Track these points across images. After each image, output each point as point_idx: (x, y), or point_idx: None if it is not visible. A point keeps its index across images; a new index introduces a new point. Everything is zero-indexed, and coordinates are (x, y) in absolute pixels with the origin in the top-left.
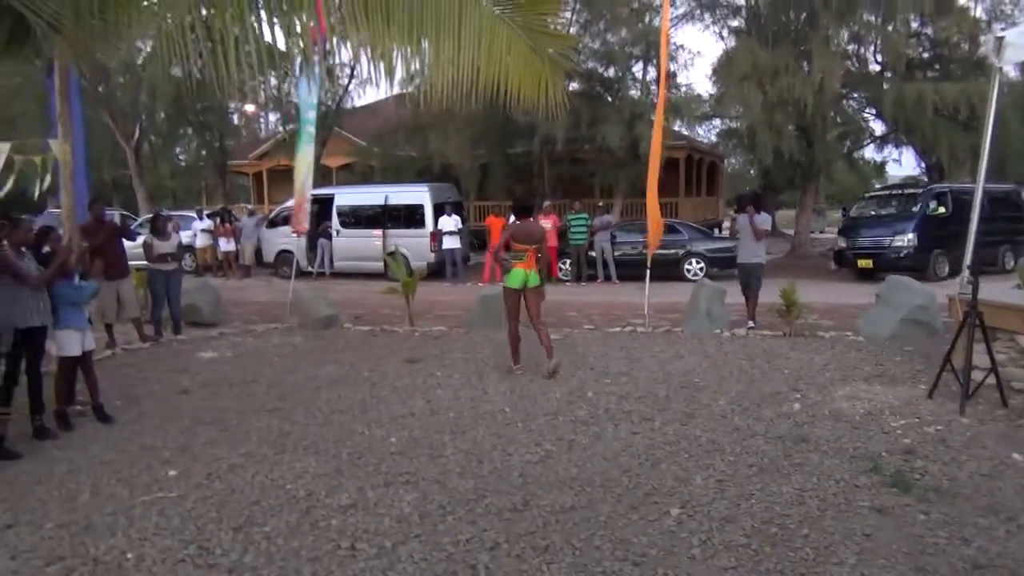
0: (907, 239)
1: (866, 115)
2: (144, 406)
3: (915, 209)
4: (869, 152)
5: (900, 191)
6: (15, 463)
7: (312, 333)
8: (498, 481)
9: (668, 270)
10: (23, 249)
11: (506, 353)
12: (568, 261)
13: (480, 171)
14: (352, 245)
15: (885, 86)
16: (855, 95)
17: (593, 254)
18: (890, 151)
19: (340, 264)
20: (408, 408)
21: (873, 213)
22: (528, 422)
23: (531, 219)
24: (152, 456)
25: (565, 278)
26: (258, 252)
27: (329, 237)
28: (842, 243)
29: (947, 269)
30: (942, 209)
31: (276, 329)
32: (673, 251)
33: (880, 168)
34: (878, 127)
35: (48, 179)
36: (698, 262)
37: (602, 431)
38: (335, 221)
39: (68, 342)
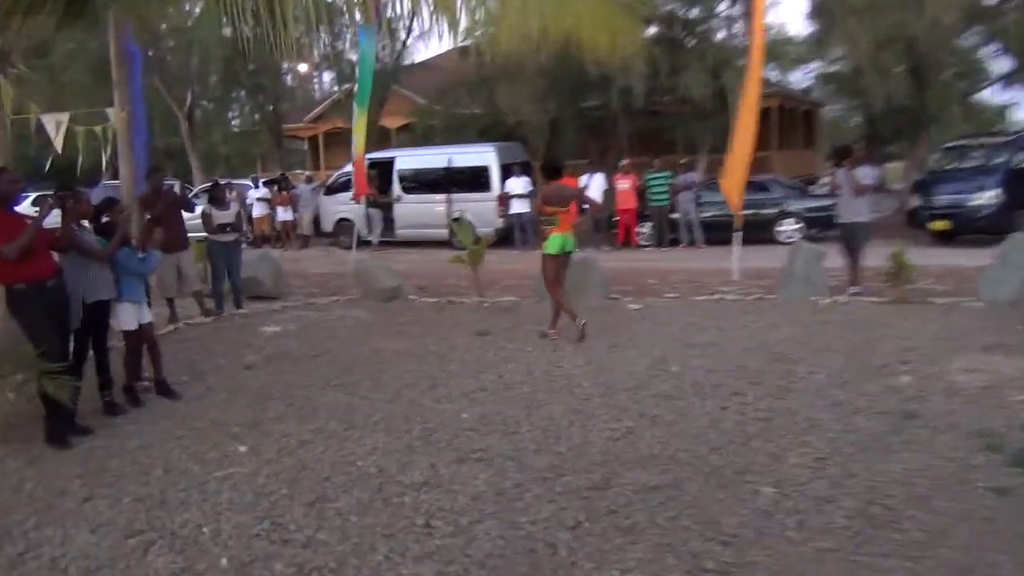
0: (990, 196)
1: (986, 52)
2: (210, 381)
3: (999, 161)
4: (989, 95)
5: (986, 140)
6: (88, 438)
7: (375, 305)
8: (576, 458)
9: (760, 232)
10: (83, 223)
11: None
12: (648, 224)
13: (550, 128)
14: (415, 211)
15: (1010, 18)
16: (974, 29)
17: (676, 216)
18: (1014, 93)
19: (403, 232)
20: (479, 382)
21: (954, 167)
22: (607, 397)
23: (562, 180)
24: (221, 432)
25: (645, 243)
26: (316, 221)
27: (379, 206)
28: (916, 201)
29: None
30: None
31: (338, 301)
32: (765, 211)
33: (1001, 113)
34: (1000, 65)
35: (109, 149)
36: (795, 222)
37: (688, 406)
38: (396, 186)
39: (125, 315)
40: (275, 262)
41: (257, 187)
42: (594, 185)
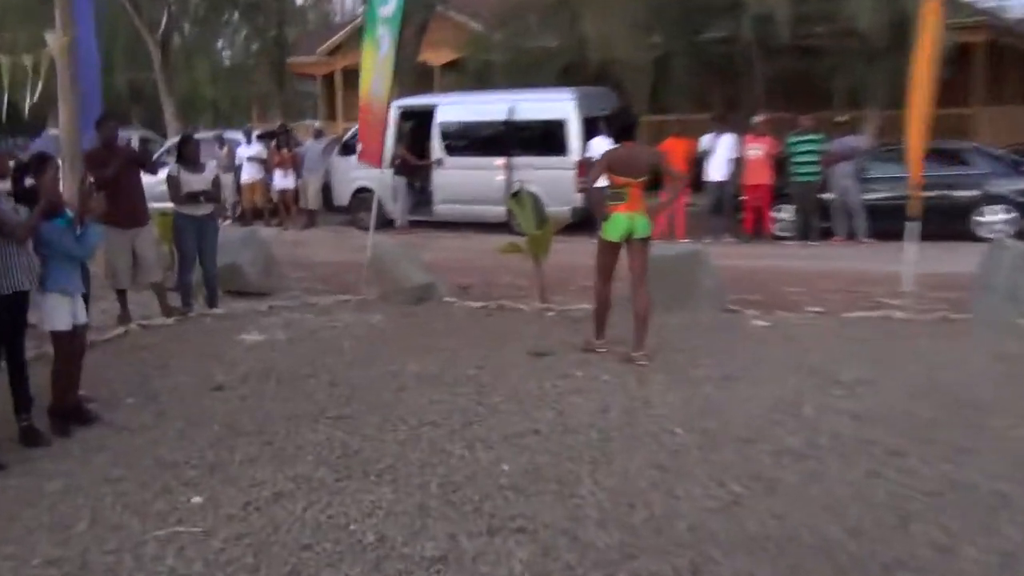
0: None
1: None
2: (164, 405)
3: None
4: None
5: None
6: None
7: (398, 309)
8: (656, 535)
9: (950, 223)
10: None
11: (683, 342)
12: (789, 207)
13: (655, 69)
14: (460, 181)
15: None
16: None
17: (829, 197)
18: None
19: (443, 209)
20: (530, 422)
21: None
22: (709, 450)
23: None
24: (172, 475)
25: (784, 234)
26: (327, 190)
27: (411, 172)
28: None
29: None
30: None
31: (348, 302)
32: (959, 193)
33: None
34: None
35: (40, 86)
36: (1005, 210)
37: (822, 468)
38: (436, 145)
39: (55, 311)
40: (265, 246)
41: (248, 142)
42: (720, 151)
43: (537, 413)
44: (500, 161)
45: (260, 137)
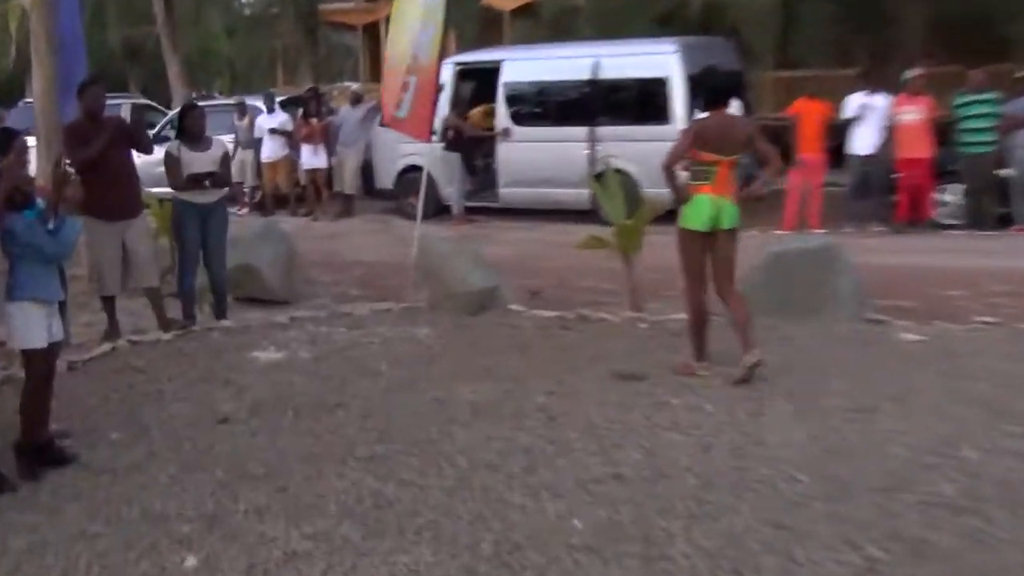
0: None
1: None
2: (156, 443)
3: None
4: None
5: None
6: None
7: (452, 321)
8: None
9: None
10: None
11: (809, 362)
12: (955, 187)
13: (782, 14)
14: (531, 157)
15: None
16: None
17: (1008, 173)
18: None
19: (510, 193)
20: (611, 465)
21: None
22: (838, 501)
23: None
24: (161, 530)
25: (948, 221)
26: (367, 170)
27: (469, 147)
28: None
29: None
30: None
31: (389, 312)
32: None
33: None
34: None
35: (13, 48)
36: None
37: (986, 527)
38: (502, 112)
39: (27, 324)
40: (288, 241)
41: (271, 111)
42: (868, 116)
43: (620, 453)
44: (581, 132)
45: (285, 104)
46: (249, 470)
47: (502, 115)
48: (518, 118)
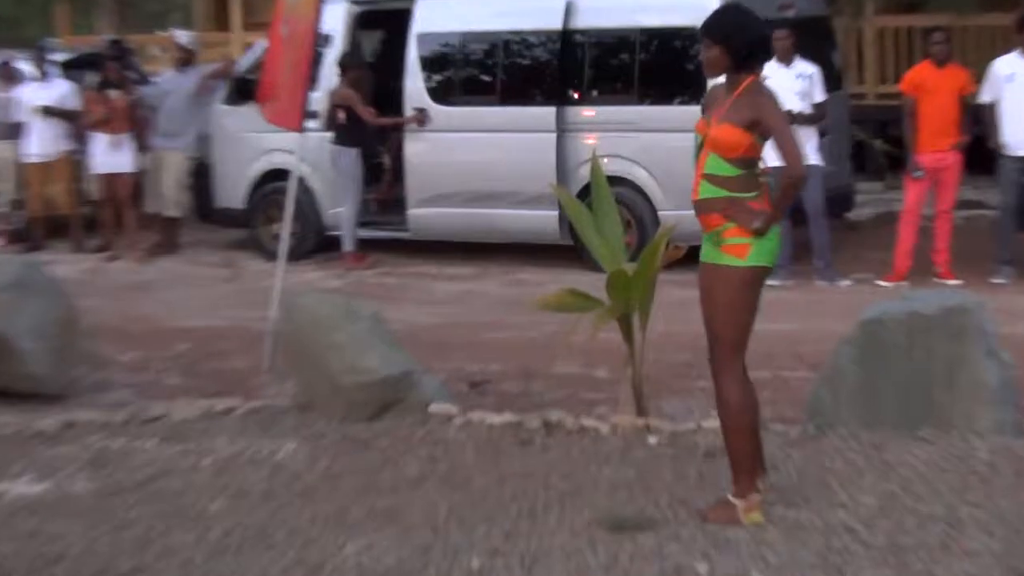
0: None
1: None
2: None
3: None
4: None
5: None
6: None
7: (334, 430)
8: None
9: None
10: None
11: (931, 506)
12: None
13: None
14: (461, 159)
15: None
16: None
17: None
18: None
19: (424, 217)
20: None
21: None
22: None
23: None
24: None
25: None
26: (200, 177)
27: (365, 138)
28: None
29: None
30: None
31: (230, 415)
32: None
33: None
34: None
35: None
36: None
37: None
38: (413, 84)
39: None
40: (61, 296)
41: (44, 77)
42: None
43: None
44: (547, 114)
45: (69, 67)
46: None
47: (414, 89)
48: (440, 94)
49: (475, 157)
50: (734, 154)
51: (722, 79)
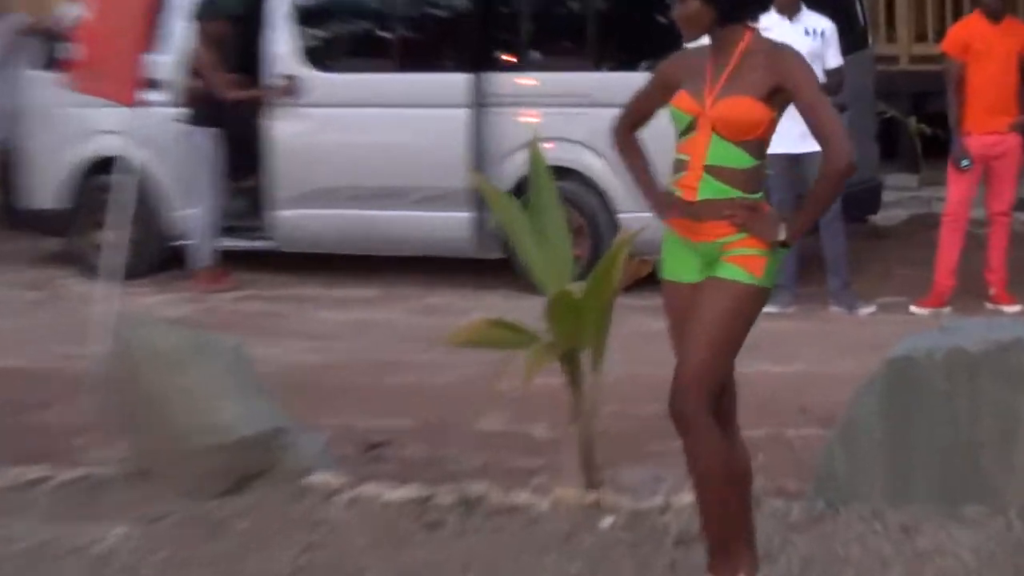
0: None
1: None
2: None
3: None
4: None
5: None
6: None
7: (178, 508)
8: None
9: None
10: None
11: None
12: None
13: None
14: (343, 139)
15: None
16: None
17: None
18: None
19: (293, 219)
20: None
21: None
22: None
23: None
24: None
25: None
26: (5, 167)
27: (220, 119)
28: None
29: None
30: None
31: (42, 487)
32: None
33: None
34: None
35: None
36: None
37: None
38: (282, 47)
39: None
40: None
41: None
42: None
43: None
44: (460, 83)
45: None
46: None
47: (282, 49)
48: (318, 56)
49: (363, 140)
50: (750, 135)
51: (704, 40)
